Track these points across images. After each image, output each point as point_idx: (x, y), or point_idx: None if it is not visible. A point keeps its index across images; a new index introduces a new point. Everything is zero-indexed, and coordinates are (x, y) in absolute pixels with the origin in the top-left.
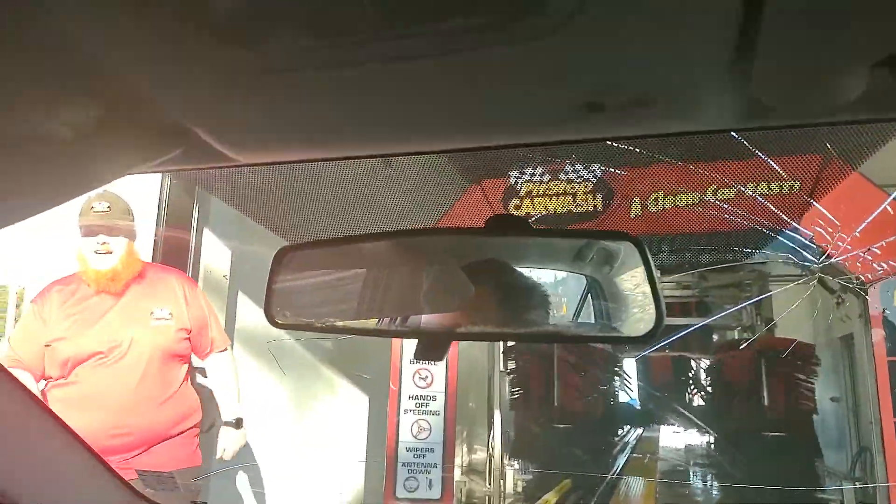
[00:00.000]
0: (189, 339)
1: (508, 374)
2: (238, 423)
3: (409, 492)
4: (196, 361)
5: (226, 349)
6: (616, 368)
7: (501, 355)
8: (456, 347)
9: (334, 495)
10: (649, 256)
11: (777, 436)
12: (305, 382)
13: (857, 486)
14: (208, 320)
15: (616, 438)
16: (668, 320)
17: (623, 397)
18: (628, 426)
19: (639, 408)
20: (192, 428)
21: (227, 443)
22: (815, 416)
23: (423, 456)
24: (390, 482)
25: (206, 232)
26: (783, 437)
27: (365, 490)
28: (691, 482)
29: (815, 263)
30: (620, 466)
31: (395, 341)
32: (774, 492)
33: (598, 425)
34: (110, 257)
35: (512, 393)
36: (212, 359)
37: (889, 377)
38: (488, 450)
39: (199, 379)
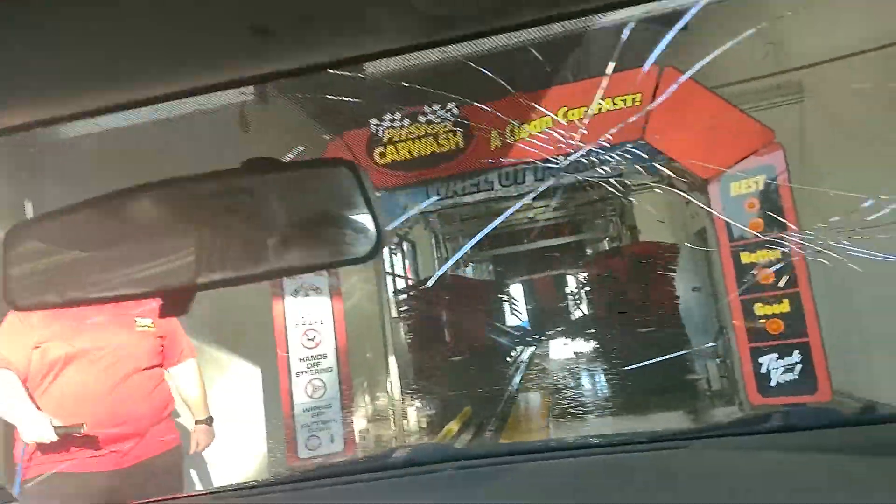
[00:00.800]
0: (164, 345)
1: (401, 318)
2: (209, 421)
3: (312, 450)
4: None
5: (194, 358)
6: (502, 296)
7: (392, 300)
8: (340, 303)
9: (239, 469)
10: (364, 180)
11: (648, 330)
12: None
13: (717, 361)
14: (178, 330)
15: (509, 360)
16: (548, 241)
17: (513, 321)
18: (521, 347)
19: (529, 328)
20: (170, 413)
21: (200, 438)
22: (680, 307)
23: (322, 413)
24: (291, 445)
25: None
26: (654, 330)
27: (269, 458)
28: (581, 386)
29: (663, 168)
30: (517, 384)
31: (277, 307)
32: (650, 378)
33: (491, 351)
34: None
35: (406, 336)
36: (183, 365)
37: (732, 261)
38: (388, 394)
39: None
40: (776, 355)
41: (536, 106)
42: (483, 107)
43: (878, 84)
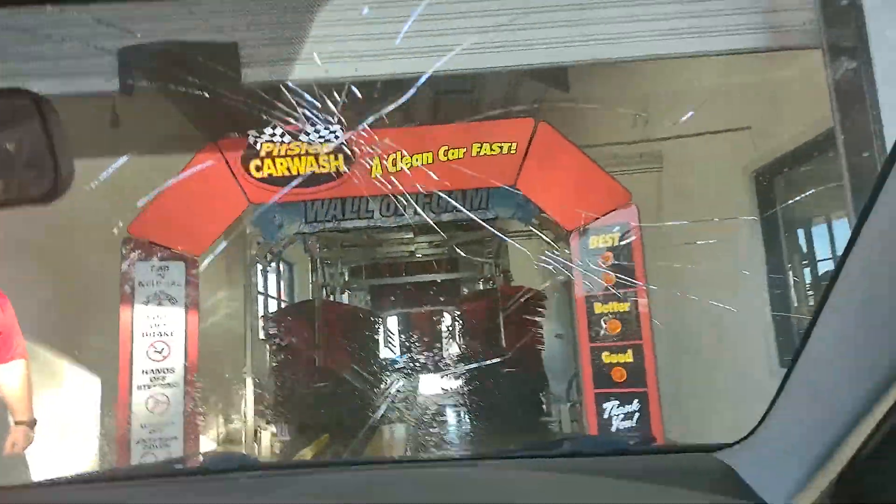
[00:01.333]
0: None
1: (267, 340)
2: (31, 424)
3: None
4: None
5: (25, 359)
6: (376, 326)
7: (261, 321)
8: (196, 316)
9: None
10: (47, 113)
11: (511, 371)
12: None
13: (569, 405)
14: (14, 329)
15: (377, 391)
16: (425, 276)
17: (386, 353)
18: (390, 379)
19: (400, 361)
20: None
21: (17, 438)
22: (543, 353)
23: (161, 430)
24: (123, 459)
25: None
26: (516, 372)
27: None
28: (443, 420)
29: (533, 219)
30: (379, 415)
31: (125, 315)
32: (508, 417)
33: (358, 381)
34: None
35: (271, 359)
36: (11, 364)
37: (585, 310)
38: (242, 417)
39: None
40: (617, 402)
41: (422, 140)
42: (365, 134)
43: (721, 161)
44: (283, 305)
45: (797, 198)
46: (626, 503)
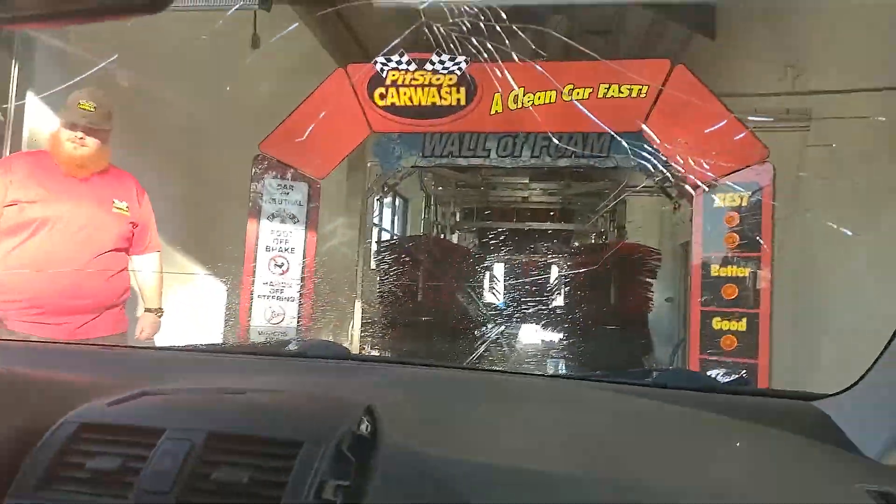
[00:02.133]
0: (134, 233)
1: (377, 270)
2: (159, 313)
3: None
4: None
5: (159, 251)
6: (483, 271)
7: (373, 251)
8: (314, 237)
9: None
10: None
11: (616, 329)
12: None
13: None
14: (150, 222)
15: (476, 334)
16: (536, 224)
17: (490, 298)
18: (492, 324)
19: (503, 307)
20: (125, 300)
21: (146, 325)
22: (650, 315)
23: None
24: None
25: (31, 95)
26: (621, 330)
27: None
28: (539, 371)
29: (659, 169)
30: (477, 357)
31: (252, 229)
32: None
33: (460, 321)
34: (84, 149)
35: (380, 287)
36: (146, 256)
37: (700, 271)
38: (349, 339)
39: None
40: (723, 371)
41: (548, 76)
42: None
43: (885, 126)
44: (395, 238)
45: None
46: (711, 437)
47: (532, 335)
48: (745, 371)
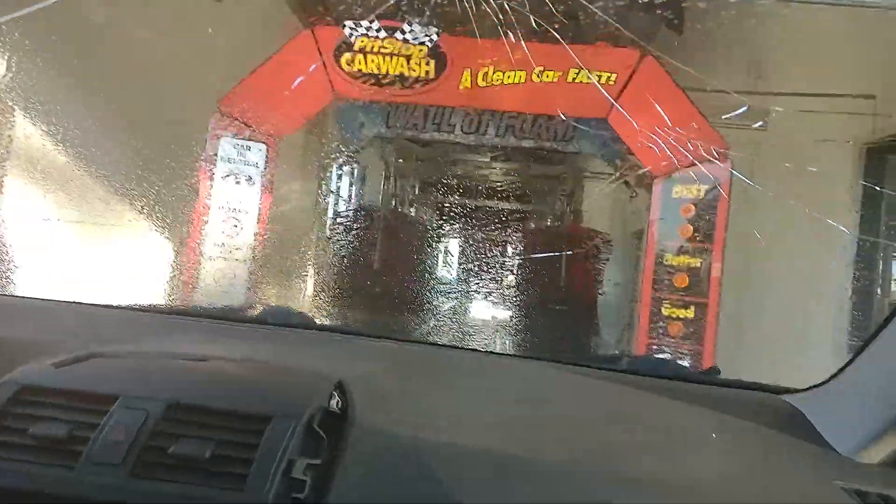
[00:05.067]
0: None
1: (331, 239)
2: None
3: None
4: None
5: None
6: (438, 245)
7: (329, 218)
8: (269, 202)
9: None
10: None
11: (564, 309)
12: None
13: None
14: None
15: (427, 305)
16: (493, 204)
17: (443, 273)
18: (442, 298)
19: (455, 283)
20: None
21: None
22: (599, 298)
23: (224, 303)
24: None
25: None
26: (568, 310)
27: None
28: (487, 346)
29: (620, 157)
30: (426, 329)
31: (204, 188)
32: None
33: (412, 293)
34: None
35: (333, 257)
36: None
37: (653, 259)
38: (301, 304)
39: None
40: (669, 356)
41: (518, 55)
42: (461, 41)
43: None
44: (352, 207)
45: None
46: (683, 426)
47: (482, 311)
48: (689, 356)
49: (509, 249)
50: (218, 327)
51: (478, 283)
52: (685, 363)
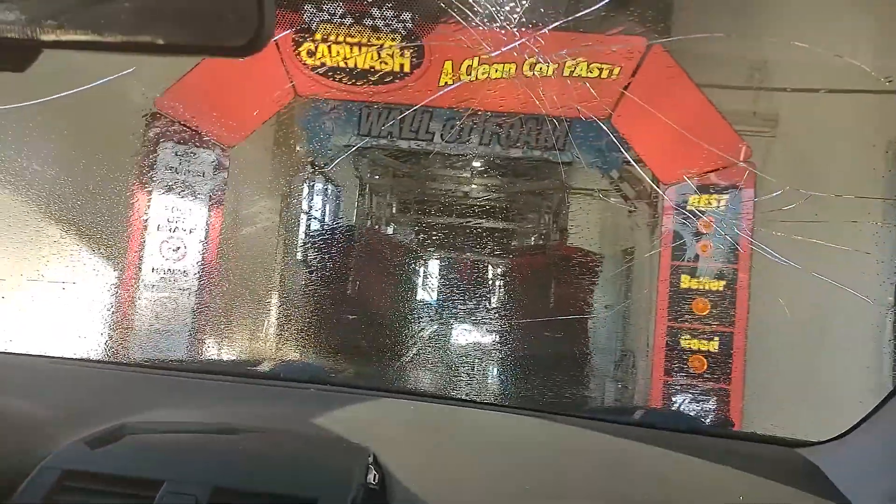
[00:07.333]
0: None
1: (303, 261)
2: None
3: None
4: None
5: None
6: (417, 267)
7: (299, 239)
8: (220, 219)
9: None
10: None
11: (551, 336)
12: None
13: (619, 385)
14: None
15: (407, 331)
16: (476, 222)
17: (423, 295)
18: (423, 322)
19: (436, 306)
20: None
21: None
22: (589, 322)
23: (165, 338)
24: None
25: None
26: (557, 338)
27: None
28: (471, 376)
29: (616, 168)
30: (408, 357)
31: (140, 204)
32: (539, 381)
33: (391, 319)
34: None
35: (304, 281)
36: None
37: (668, 282)
38: (263, 337)
39: None
40: (691, 397)
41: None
42: (440, 29)
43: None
44: (323, 226)
45: None
46: (697, 481)
47: (465, 336)
48: (715, 399)
49: (491, 269)
50: (234, 386)
51: (460, 307)
52: (708, 407)
